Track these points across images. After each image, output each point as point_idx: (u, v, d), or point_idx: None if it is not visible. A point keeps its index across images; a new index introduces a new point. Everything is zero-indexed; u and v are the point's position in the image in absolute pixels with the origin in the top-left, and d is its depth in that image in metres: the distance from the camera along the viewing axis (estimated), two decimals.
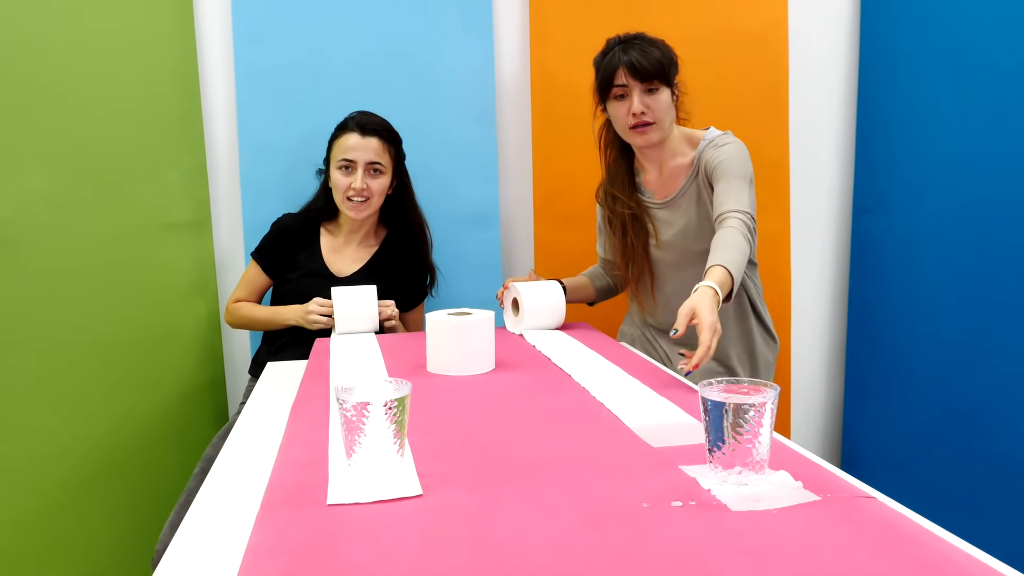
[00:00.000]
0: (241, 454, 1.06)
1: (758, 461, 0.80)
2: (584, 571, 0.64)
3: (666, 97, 1.64)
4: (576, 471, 0.86)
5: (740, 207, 1.50)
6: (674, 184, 1.73)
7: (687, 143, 1.73)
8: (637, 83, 1.61)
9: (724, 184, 1.56)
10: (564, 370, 1.32)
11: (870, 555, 0.66)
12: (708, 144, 1.67)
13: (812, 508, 0.76)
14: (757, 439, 0.79)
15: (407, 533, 0.72)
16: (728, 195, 1.53)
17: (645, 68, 1.60)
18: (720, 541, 0.69)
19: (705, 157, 1.65)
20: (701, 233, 1.68)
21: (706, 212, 1.67)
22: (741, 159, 1.60)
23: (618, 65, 1.62)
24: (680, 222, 1.71)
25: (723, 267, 1.34)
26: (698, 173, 1.68)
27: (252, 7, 2.11)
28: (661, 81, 1.62)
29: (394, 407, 0.80)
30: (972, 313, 2.13)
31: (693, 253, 1.70)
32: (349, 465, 0.83)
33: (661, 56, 1.62)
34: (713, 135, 1.70)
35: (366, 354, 1.49)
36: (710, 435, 0.81)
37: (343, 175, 1.88)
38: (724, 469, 0.80)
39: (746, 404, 0.78)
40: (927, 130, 2.18)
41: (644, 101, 1.62)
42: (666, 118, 1.66)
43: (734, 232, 1.44)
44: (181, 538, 0.80)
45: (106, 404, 1.80)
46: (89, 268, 1.76)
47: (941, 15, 2.13)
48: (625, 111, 1.64)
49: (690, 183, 1.70)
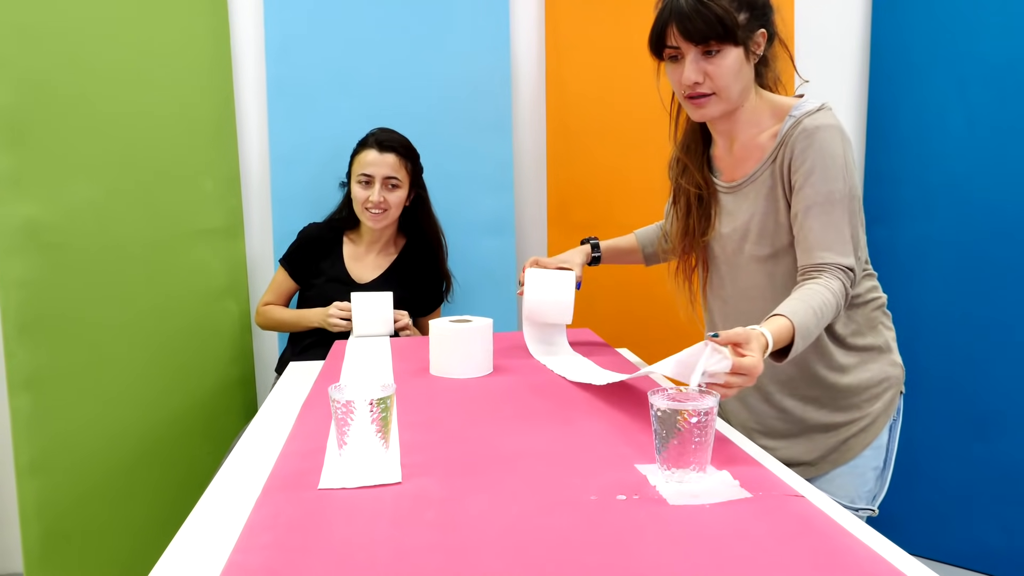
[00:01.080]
0: (255, 445, 1.19)
1: (699, 462, 0.89)
2: (529, 551, 0.75)
3: (733, 60, 1.26)
4: (541, 465, 0.97)
5: (834, 258, 1.21)
6: (745, 166, 1.37)
7: (770, 113, 1.34)
8: (691, 45, 1.25)
9: (817, 214, 1.22)
10: (556, 373, 1.43)
11: (779, 545, 0.76)
12: (795, 123, 1.27)
13: (742, 504, 0.85)
14: (697, 442, 0.88)
15: (383, 514, 0.83)
16: (824, 235, 1.22)
17: (698, 27, 1.22)
18: (651, 530, 0.79)
19: (790, 143, 1.27)
20: (763, 235, 1.33)
21: (774, 209, 1.31)
22: (840, 163, 1.23)
23: (668, 20, 1.25)
24: (743, 216, 1.36)
25: (788, 321, 1.10)
26: (776, 159, 1.30)
27: (283, 26, 2.25)
28: (725, 40, 1.23)
29: (377, 406, 0.92)
30: (979, 322, 2.18)
31: (749, 257, 1.36)
32: (340, 455, 0.95)
33: (729, 5, 1.23)
34: (804, 108, 1.30)
35: (377, 357, 1.61)
36: (656, 438, 0.91)
37: (362, 188, 2.01)
38: (668, 468, 0.90)
39: (688, 411, 0.88)
40: (935, 142, 2.23)
41: (701, 67, 1.26)
42: (734, 86, 1.28)
43: (819, 290, 1.17)
44: (194, 517, 0.93)
45: (145, 397, 1.93)
46: (130, 269, 1.88)
47: (949, 27, 2.18)
48: (678, 78, 1.29)
49: (763, 169, 1.32)
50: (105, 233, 1.82)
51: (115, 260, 1.84)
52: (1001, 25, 2.09)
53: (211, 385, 2.19)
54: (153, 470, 1.96)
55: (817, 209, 1.22)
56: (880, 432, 1.36)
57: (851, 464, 1.35)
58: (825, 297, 1.16)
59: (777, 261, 1.33)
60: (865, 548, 0.76)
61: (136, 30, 1.92)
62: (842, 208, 1.22)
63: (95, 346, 1.78)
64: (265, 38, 2.25)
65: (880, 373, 1.37)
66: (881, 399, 1.37)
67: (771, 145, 1.32)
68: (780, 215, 1.31)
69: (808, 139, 1.24)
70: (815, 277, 1.21)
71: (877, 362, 1.37)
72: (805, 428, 1.38)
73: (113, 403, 1.83)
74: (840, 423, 1.36)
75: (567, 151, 2.37)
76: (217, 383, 2.21)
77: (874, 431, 1.36)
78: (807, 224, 1.24)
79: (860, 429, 1.35)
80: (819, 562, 0.73)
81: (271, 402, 1.44)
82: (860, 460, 1.36)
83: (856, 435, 1.35)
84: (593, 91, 2.34)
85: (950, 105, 2.19)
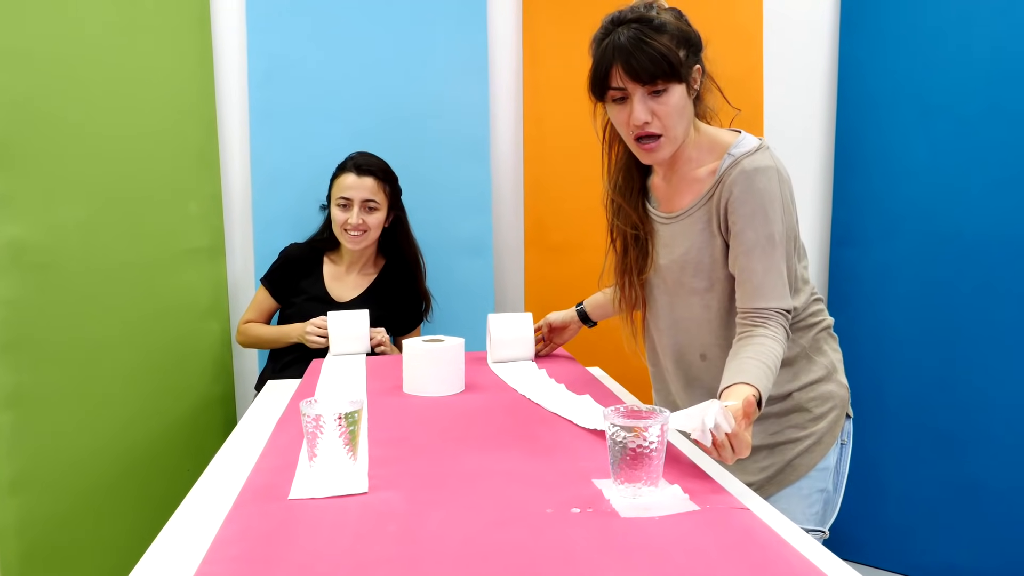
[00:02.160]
0: (229, 460, 1.23)
1: (651, 477, 0.94)
2: (483, 564, 0.79)
3: (679, 97, 1.26)
4: (503, 480, 1.01)
5: (777, 303, 1.25)
6: (683, 198, 1.38)
7: (708, 148, 1.35)
8: (638, 85, 1.24)
9: (758, 256, 1.25)
10: (522, 394, 1.47)
11: (720, 555, 0.81)
12: (733, 163, 1.29)
13: (690, 516, 0.90)
14: (649, 458, 0.93)
15: (347, 528, 0.87)
16: (765, 278, 1.25)
17: (644, 66, 1.21)
18: (600, 542, 0.84)
19: (727, 184, 1.28)
20: (700, 268, 1.36)
21: (710, 244, 1.33)
22: (778, 204, 1.26)
23: (612, 63, 1.23)
24: (680, 248, 1.38)
25: (753, 389, 1.12)
26: (713, 196, 1.31)
27: (266, 51, 2.31)
28: (671, 78, 1.23)
29: (345, 420, 0.97)
30: (943, 341, 2.25)
31: (688, 289, 1.39)
32: (311, 466, 1.00)
33: (670, 42, 1.22)
34: (742, 147, 1.31)
35: (352, 375, 1.65)
36: (611, 454, 0.95)
37: (341, 211, 2.07)
38: (621, 483, 0.95)
39: (640, 427, 0.93)
40: (900, 167, 2.31)
41: (648, 107, 1.25)
42: (679, 125, 1.29)
43: (770, 344, 1.21)
44: (167, 531, 0.96)
45: (127, 415, 1.95)
46: (114, 289, 1.91)
47: (912, 59, 2.26)
48: (625, 118, 1.28)
49: (700, 204, 1.34)
50: (89, 253, 1.85)
51: (99, 280, 1.86)
52: (960, 58, 2.17)
53: (193, 403, 2.22)
54: (135, 487, 1.98)
55: (759, 252, 1.25)
56: (826, 453, 1.38)
57: (796, 485, 1.37)
58: (775, 351, 1.21)
59: (714, 293, 1.36)
60: (801, 558, 0.81)
61: (122, 55, 1.96)
62: (781, 249, 1.26)
63: (78, 365, 1.80)
64: (248, 64, 2.31)
65: (824, 393, 1.39)
66: (825, 419, 1.39)
67: (709, 181, 1.33)
68: (716, 250, 1.33)
69: (747, 181, 1.26)
70: (760, 324, 1.24)
71: (822, 383, 1.40)
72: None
73: (95, 421, 1.85)
74: (783, 442, 1.38)
75: (544, 174, 2.43)
76: (199, 401, 2.24)
77: (820, 451, 1.37)
78: (749, 266, 1.26)
79: (804, 449, 1.37)
80: (755, 572, 0.77)
81: (247, 419, 1.48)
82: (805, 481, 1.37)
83: (800, 455, 1.37)
84: (569, 116, 2.40)
85: (913, 133, 2.27)
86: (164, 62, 2.12)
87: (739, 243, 1.28)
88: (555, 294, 2.21)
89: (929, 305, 2.28)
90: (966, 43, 2.15)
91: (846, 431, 1.42)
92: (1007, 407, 2.14)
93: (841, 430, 1.41)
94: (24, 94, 1.64)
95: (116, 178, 1.92)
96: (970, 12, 2.14)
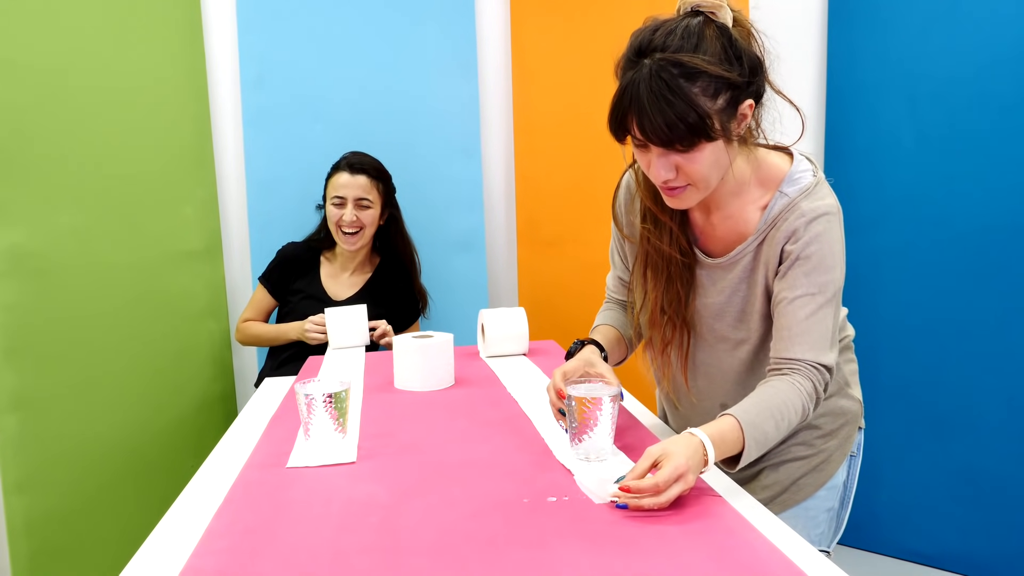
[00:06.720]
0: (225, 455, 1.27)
1: (600, 445, 1.06)
2: (457, 551, 0.83)
3: (708, 153, 1.04)
4: (486, 471, 1.05)
5: (813, 355, 1.08)
6: (727, 240, 1.19)
7: (757, 181, 1.15)
8: (657, 146, 1.04)
9: (804, 303, 1.09)
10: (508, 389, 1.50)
11: (687, 540, 0.84)
12: (789, 206, 1.11)
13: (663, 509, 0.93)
14: (595, 421, 1.06)
15: (329, 520, 0.91)
16: (807, 327, 1.09)
17: (658, 130, 1.01)
18: (573, 529, 0.87)
19: (783, 230, 1.11)
20: (740, 319, 1.20)
21: (752, 294, 1.18)
22: (839, 251, 1.11)
23: (628, 109, 1.02)
24: (719, 294, 1.20)
25: (737, 423, 1.01)
26: (764, 244, 1.14)
27: (258, 55, 2.34)
28: (695, 141, 1.02)
29: (334, 398, 1.11)
30: (935, 328, 2.27)
31: (717, 336, 1.24)
32: (306, 440, 1.15)
33: (704, 93, 1.00)
34: (798, 184, 1.13)
35: (349, 370, 1.69)
36: (567, 420, 1.09)
37: (336, 209, 2.10)
38: (574, 444, 1.07)
39: (588, 398, 1.05)
40: (889, 155, 2.33)
41: (671, 162, 1.06)
42: (712, 175, 1.08)
43: (787, 393, 1.06)
44: (163, 524, 1.01)
45: (130, 415, 1.99)
46: (113, 293, 1.95)
47: (899, 49, 2.28)
48: (647, 165, 1.09)
49: (748, 249, 1.16)
50: (88, 258, 1.88)
51: (97, 284, 1.90)
52: (947, 46, 2.19)
53: (194, 401, 2.26)
54: (139, 484, 2.02)
55: (807, 299, 1.09)
56: (836, 472, 1.25)
57: (802, 506, 1.24)
58: (788, 398, 1.06)
59: (747, 345, 1.21)
60: (769, 545, 0.84)
61: (115, 61, 2.00)
62: (833, 301, 1.10)
63: (80, 367, 1.84)
64: (240, 67, 2.34)
65: (835, 408, 1.26)
66: (836, 436, 1.25)
67: (757, 220, 1.15)
68: (757, 300, 1.17)
69: (808, 231, 1.09)
70: (786, 374, 1.09)
71: (833, 398, 1.25)
72: (753, 465, 1.25)
73: (99, 421, 1.89)
74: (788, 459, 1.24)
75: (535, 170, 2.46)
76: (200, 399, 2.29)
77: (828, 470, 1.24)
78: (791, 312, 1.10)
79: (813, 468, 1.24)
80: (721, 557, 0.81)
81: (244, 415, 1.52)
82: (812, 501, 1.24)
83: (808, 474, 1.23)
84: (559, 112, 2.43)
85: (902, 122, 2.29)
86: (157, 67, 2.15)
87: (787, 288, 1.11)
88: (547, 286, 2.25)
89: (920, 291, 2.30)
90: (955, 32, 2.17)
91: (856, 443, 1.30)
92: (1000, 393, 2.16)
93: (853, 444, 1.29)
94: (19, 102, 1.68)
95: (112, 183, 1.96)
96: (959, 1, 2.16)
